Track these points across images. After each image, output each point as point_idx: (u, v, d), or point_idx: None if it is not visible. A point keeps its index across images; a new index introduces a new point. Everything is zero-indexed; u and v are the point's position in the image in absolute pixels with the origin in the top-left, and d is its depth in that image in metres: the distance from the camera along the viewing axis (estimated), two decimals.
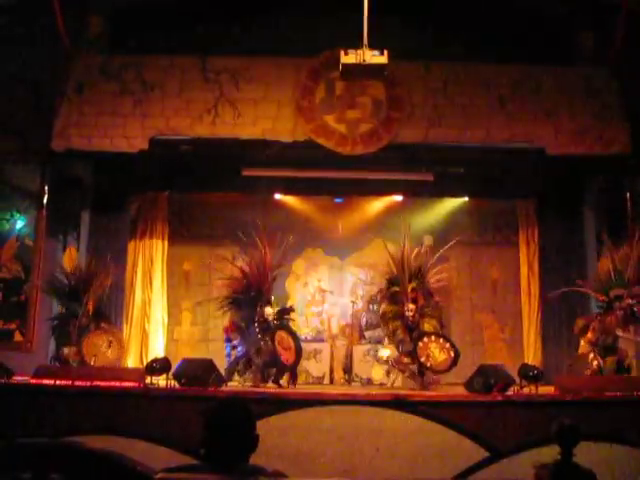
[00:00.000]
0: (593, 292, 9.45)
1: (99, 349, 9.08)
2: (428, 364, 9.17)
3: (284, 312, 10.17)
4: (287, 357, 9.52)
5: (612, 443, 7.03)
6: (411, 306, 9.60)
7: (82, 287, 9.24)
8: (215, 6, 9.75)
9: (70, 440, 2.21)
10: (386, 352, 9.84)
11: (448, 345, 9.36)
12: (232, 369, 9.63)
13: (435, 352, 9.31)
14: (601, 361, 8.74)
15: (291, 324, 10.31)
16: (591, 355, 8.94)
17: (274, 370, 9.54)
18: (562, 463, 2.13)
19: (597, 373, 8.80)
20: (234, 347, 9.86)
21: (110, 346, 9.20)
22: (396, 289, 9.88)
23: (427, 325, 9.61)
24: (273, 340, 9.47)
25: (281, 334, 9.67)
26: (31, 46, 9.20)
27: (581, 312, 10.03)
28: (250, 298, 9.93)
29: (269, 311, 9.79)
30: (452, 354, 9.26)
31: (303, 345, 10.93)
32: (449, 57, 9.81)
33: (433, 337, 9.41)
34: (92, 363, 8.83)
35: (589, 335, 9.09)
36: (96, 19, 10.07)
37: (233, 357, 9.86)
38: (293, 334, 9.89)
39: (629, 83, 9.60)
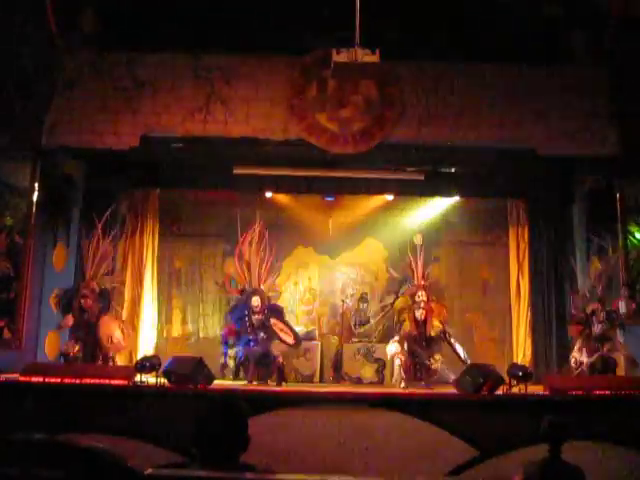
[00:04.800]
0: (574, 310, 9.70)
1: (113, 333, 9.41)
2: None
3: (273, 309, 10.24)
4: (286, 339, 9.99)
5: (600, 442, 7.07)
6: (423, 292, 9.91)
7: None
8: (207, 3, 9.73)
9: (59, 436, 2.21)
10: (392, 347, 9.80)
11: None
12: (237, 371, 9.84)
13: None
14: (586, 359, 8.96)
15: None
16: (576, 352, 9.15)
17: (264, 370, 9.64)
18: (550, 460, 2.14)
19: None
20: (232, 346, 9.98)
21: (123, 333, 9.58)
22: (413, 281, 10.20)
23: (435, 321, 9.84)
24: (268, 322, 9.82)
25: (274, 321, 9.95)
26: (22, 42, 9.16)
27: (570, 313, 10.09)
28: (242, 294, 10.10)
29: (256, 301, 9.91)
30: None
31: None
32: (441, 57, 9.81)
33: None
34: (107, 344, 9.24)
35: (575, 354, 9.26)
36: (87, 16, 10.04)
37: (230, 357, 10.03)
38: (287, 323, 10.17)
39: (620, 84, 9.64)
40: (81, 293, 9.47)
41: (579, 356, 9.18)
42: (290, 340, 10.02)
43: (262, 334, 9.84)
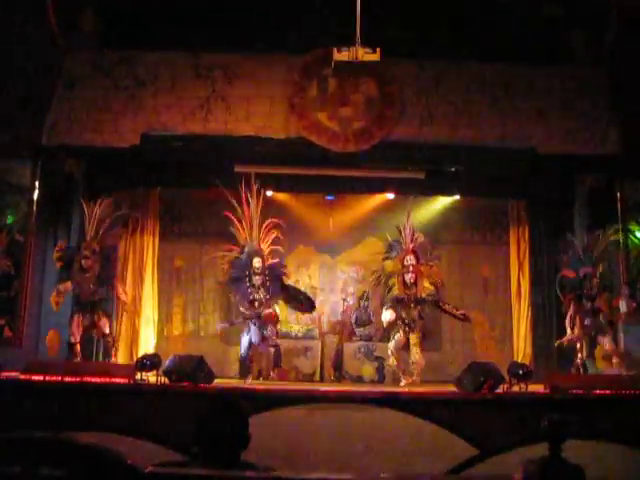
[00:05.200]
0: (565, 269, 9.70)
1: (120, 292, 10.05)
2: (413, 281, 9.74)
3: (274, 267, 10.17)
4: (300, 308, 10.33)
5: (601, 441, 7.06)
6: (411, 256, 9.92)
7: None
8: (207, 2, 9.74)
9: (60, 435, 2.22)
10: (387, 315, 9.83)
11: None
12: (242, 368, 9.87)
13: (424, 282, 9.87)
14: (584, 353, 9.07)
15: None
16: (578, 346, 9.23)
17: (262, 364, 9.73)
18: (551, 458, 2.14)
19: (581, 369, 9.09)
20: None
21: (125, 292, 10.24)
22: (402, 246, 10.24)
23: (426, 283, 9.89)
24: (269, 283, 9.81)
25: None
26: (23, 42, 9.16)
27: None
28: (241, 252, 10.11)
29: (258, 262, 9.81)
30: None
31: (294, 342, 11.01)
32: (442, 55, 9.82)
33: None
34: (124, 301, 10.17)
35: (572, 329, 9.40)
36: (88, 15, 10.05)
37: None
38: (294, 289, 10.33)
39: (620, 83, 9.64)
40: (82, 254, 9.50)
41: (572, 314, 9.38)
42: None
43: (264, 294, 9.85)
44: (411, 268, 9.84)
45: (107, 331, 9.67)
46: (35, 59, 9.32)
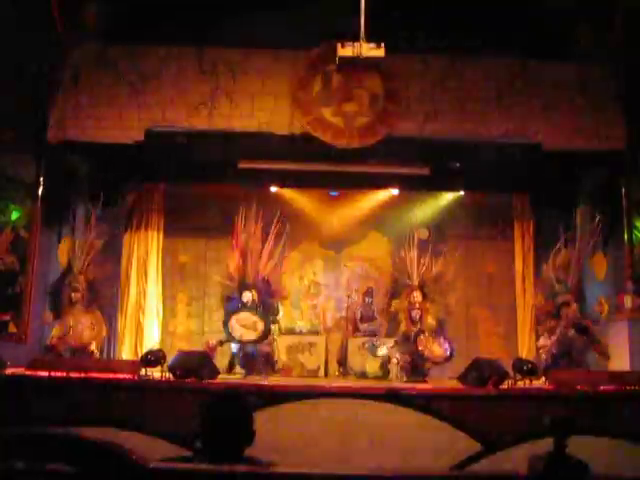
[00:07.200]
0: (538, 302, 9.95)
1: (78, 326, 9.56)
2: (425, 353, 9.52)
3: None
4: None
5: (605, 437, 7.06)
6: (417, 293, 10.09)
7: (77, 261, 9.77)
8: None
9: (65, 430, 2.22)
10: (383, 350, 10.11)
11: (446, 344, 9.72)
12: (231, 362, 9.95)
13: (433, 346, 9.62)
14: None
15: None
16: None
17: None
18: (555, 454, 2.14)
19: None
20: None
21: (93, 328, 9.68)
22: (408, 282, 10.30)
23: (429, 319, 10.03)
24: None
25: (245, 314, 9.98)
26: (27, 35, 9.14)
27: None
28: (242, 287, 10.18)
29: (246, 296, 10.10)
30: (448, 352, 9.61)
31: (298, 338, 11.03)
32: (446, 51, 9.79)
33: (433, 334, 9.81)
34: (69, 334, 9.41)
35: (541, 341, 9.38)
36: (92, 9, 10.02)
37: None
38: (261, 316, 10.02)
39: (626, 79, 9.61)
40: (72, 286, 9.67)
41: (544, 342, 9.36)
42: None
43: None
44: (417, 305, 10.07)
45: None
46: (39, 54, 9.30)
